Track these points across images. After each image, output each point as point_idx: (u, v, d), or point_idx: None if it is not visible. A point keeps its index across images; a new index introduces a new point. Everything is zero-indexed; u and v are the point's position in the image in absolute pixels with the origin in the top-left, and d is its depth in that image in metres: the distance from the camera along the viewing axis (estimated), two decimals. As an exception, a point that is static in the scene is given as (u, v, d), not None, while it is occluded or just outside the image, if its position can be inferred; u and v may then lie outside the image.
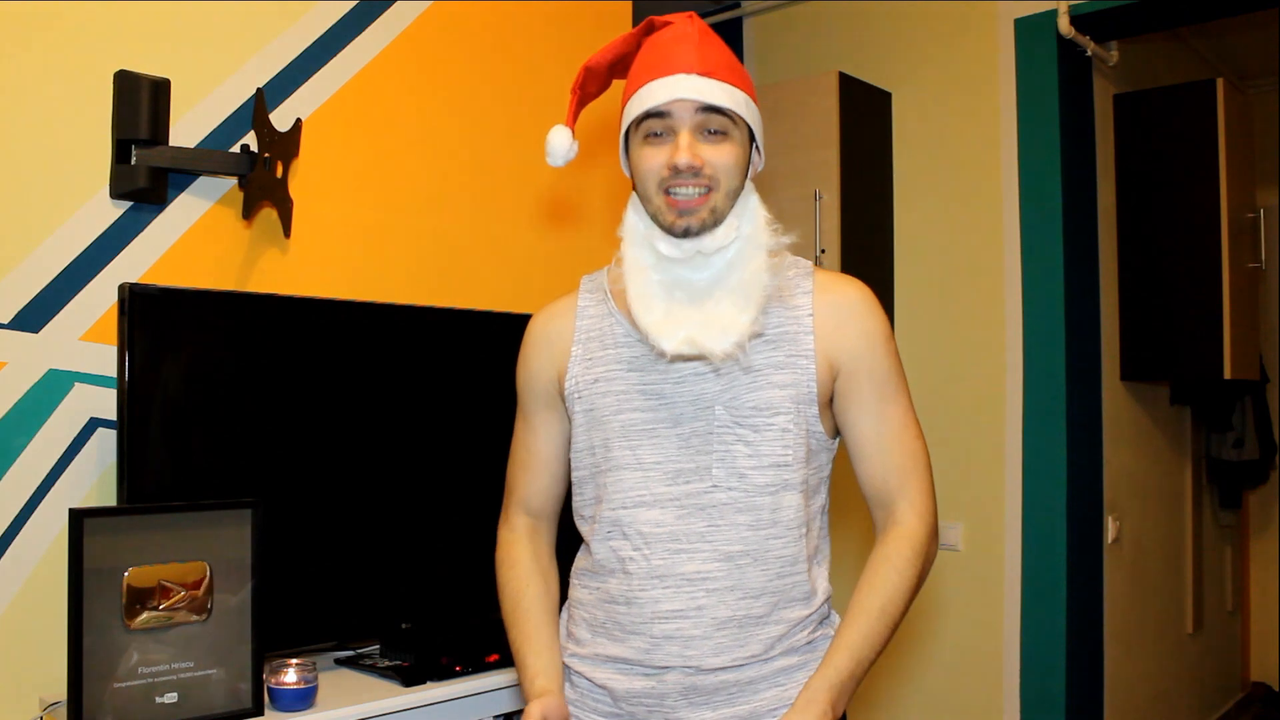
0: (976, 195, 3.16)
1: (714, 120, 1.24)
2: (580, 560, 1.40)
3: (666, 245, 1.26)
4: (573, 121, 1.38)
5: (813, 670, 1.28)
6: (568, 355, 1.37)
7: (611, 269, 1.36)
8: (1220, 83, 3.25)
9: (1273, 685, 4.56)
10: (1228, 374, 3.19)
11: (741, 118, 1.26)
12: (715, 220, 1.25)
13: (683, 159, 1.22)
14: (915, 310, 3.27)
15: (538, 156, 2.42)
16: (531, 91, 2.45)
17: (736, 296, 1.24)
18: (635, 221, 1.30)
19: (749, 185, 1.31)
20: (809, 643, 1.31)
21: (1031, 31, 3.05)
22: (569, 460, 1.40)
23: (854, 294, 1.33)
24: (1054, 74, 3.02)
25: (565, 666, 1.39)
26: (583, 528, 1.38)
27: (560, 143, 1.37)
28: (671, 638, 1.27)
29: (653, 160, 1.25)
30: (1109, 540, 3.26)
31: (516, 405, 1.45)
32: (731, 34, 3.72)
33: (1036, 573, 3.02)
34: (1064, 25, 2.97)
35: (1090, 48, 3.10)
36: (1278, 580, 4.51)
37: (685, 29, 1.27)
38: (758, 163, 1.33)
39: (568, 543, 1.44)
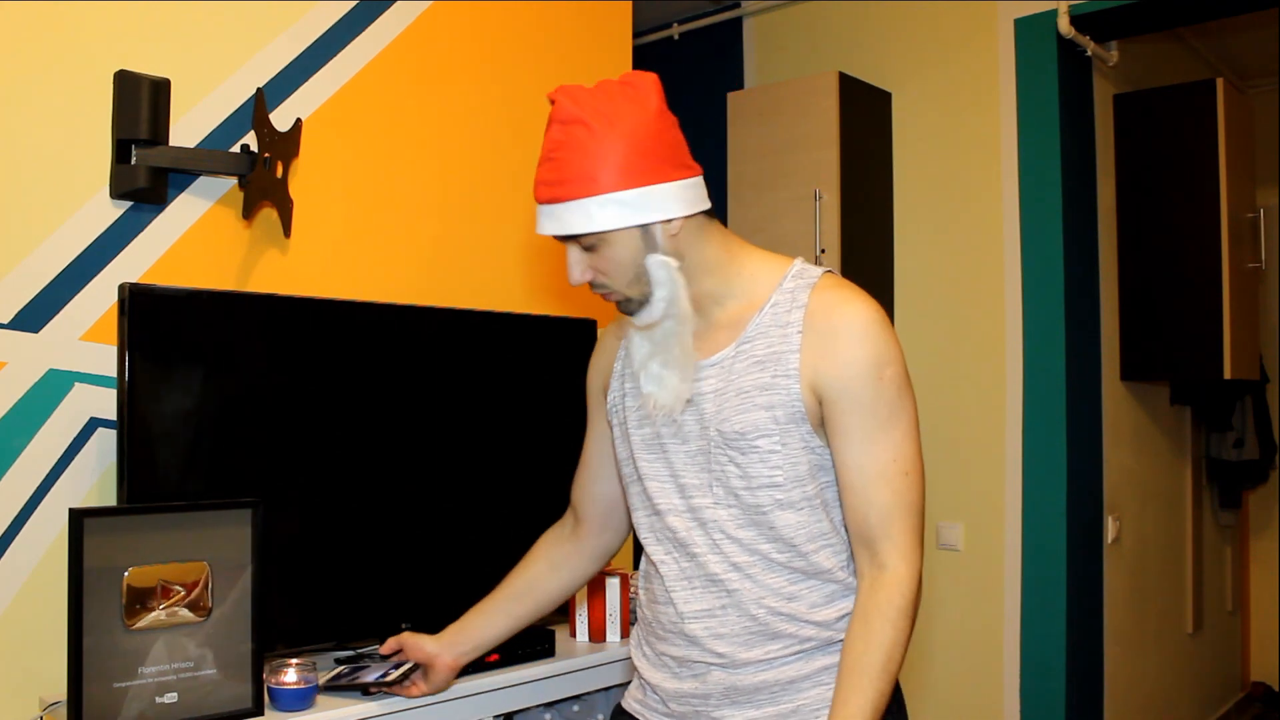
0: (976, 195, 3.16)
1: (583, 239, 1.25)
2: (641, 565, 1.47)
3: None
4: None
5: None
6: (612, 370, 1.46)
7: None
8: (1220, 83, 3.25)
9: (1273, 685, 4.56)
10: (1228, 374, 3.19)
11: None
12: (639, 303, 1.29)
13: (573, 279, 1.29)
14: (915, 310, 3.27)
15: (537, 155, 2.42)
16: (531, 91, 2.45)
17: (679, 367, 1.30)
18: None
19: (655, 261, 1.25)
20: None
21: (1031, 31, 3.05)
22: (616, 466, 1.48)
23: (846, 319, 1.25)
24: (1054, 74, 3.02)
25: (639, 676, 1.44)
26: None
27: None
28: (703, 635, 1.31)
29: None
30: (1109, 540, 3.26)
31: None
32: (731, 34, 3.72)
33: (1036, 573, 3.02)
34: (1064, 25, 2.97)
35: (1090, 48, 3.10)
36: (1278, 580, 4.51)
37: (548, 131, 1.25)
38: (666, 228, 1.24)
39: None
